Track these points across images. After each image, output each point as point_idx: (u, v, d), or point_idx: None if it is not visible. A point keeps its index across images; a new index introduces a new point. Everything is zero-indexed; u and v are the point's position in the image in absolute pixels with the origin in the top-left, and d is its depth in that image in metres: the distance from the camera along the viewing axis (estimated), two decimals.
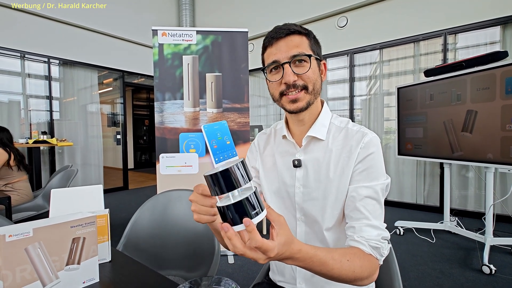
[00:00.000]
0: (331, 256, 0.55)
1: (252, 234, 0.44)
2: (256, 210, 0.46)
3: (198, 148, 2.27)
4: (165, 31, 2.27)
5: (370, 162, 0.66)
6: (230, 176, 0.45)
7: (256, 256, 0.46)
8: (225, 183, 0.45)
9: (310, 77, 0.68)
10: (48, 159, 4.35)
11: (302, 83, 0.68)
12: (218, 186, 0.45)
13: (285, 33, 0.67)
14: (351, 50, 4.15)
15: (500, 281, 1.90)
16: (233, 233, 0.45)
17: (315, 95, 0.70)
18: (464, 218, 3.08)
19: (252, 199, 0.46)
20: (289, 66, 0.67)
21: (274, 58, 0.68)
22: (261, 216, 0.46)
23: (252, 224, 0.44)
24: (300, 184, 0.74)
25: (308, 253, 0.52)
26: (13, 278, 0.58)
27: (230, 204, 0.45)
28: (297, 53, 0.66)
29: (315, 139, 0.73)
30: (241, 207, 0.45)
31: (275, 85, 0.71)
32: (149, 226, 1.26)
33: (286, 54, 0.67)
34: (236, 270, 2.14)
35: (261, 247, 0.45)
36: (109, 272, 0.78)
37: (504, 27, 3.13)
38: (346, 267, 0.56)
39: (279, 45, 0.68)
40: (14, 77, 4.03)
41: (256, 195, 0.47)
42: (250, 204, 0.45)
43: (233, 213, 0.45)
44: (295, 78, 0.67)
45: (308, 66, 0.67)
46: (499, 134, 2.08)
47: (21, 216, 2.17)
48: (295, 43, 0.67)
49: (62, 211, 0.85)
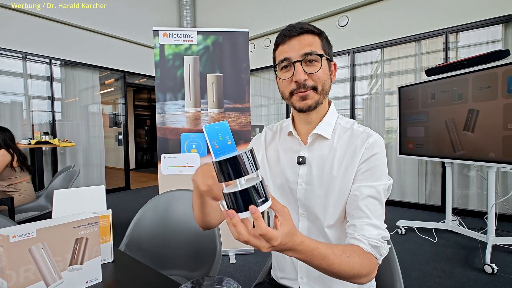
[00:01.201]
0: (331, 251, 0.56)
1: (258, 222, 0.45)
2: (262, 198, 0.46)
3: (200, 148, 2.27)
4: (166, 31, 2.28)
5: (374, 162, 0.67)
6: (238, 163, 0.45)
7: (260, 244, 0.47)
8: (233, 170, 0.45)
9: (320, 78, 0.68)
10: (50, 159, 4.37)
11: (312, 84, 0.68)
12: (227, 172, 0.45)
13: (299, 32, 0.67)
14: (352, 50, 4.15)
15: (502, 280, 1.89)
16: (238, 219, 0.45)
17: (324, 95, 0.71)
18: (466, 218, 3.07)
19: (259, 187, 0.46)
20: (300, 64, 0.67)
21: (285, 56, 0.68)
22: (266, 205, 0.47)
23: (258, 212, 0.44)
24: (303, 181, 0.74)
25: (309, 246, 0.53)
26: (17, 278, 0.59)
27: (237, 191, 0.45)
28: (309, 52, 0.66)
29: (321, 137, 0.74)
30: (247, 194, 0.45)
31: (285, 83, 0.71)
32: (151, 226, 1.27)
33: (298, 53, 0.67)
34: (238, 270, 2.14)
35: (265, 234, 0.45)
36: (111, 272, 0.78)
37: (506, 26, 3.11)
38: (346, 263, 0.57)
39: (292, 43, 0.68)
40: (16, 78, 4.05)
41: (262, 184, 0.47)
42: (257, 192, 0.46)
43: (239, 200, 0.45)
44: (305, 77, 0.67)
45: (319, 66, 0.68)
46: (501, 133, 2.07)
47: (24, 216, 2.19)
48: (308, 42, 0.67)
49: (65, 211, 0.86)
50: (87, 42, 4.66)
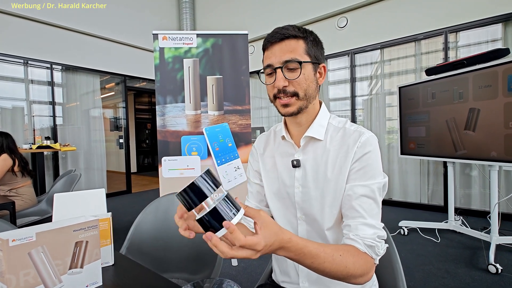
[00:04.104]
0: (322, 249, 0.56)
1: (234, 234, 0.45)
2: (233, 211, 0.47)
3: (200, 151, 2.27)
4: (165, 35, 2.29)
5: (367, 161, 0.67)
6: (197, 187, 0.47)
7: (246, 253, 0.47)
8: (195, 196, 0.47)
9: (301, 84, 0.68)
10: (51, 164, 4.38)
11: (292, 90, 0.68)
12: (191, 200, 0.47)
13: (280, 38, 0.68)
14: (351, 50, 4.15)
15: (507, 280, 1.88)
16: (217, 239, 0.46)
17: (307, 100, 0.71)
18: (469, 217, 3.05)
19: (226, 202, 0.47)
20: (280, 71, 0.68)
21: (268, 62, 0.70)
22: (239, 216, 0.48)
23: (232, 225, 0.45)
24: (299, 184, 0.74)
25: (299, 244, 0.53)
26: (16, 282, 0.59)
27: (206, 213, 0.46)
28: (289, 59, 0.67)
29: (313, 139, 0.74)
30: (217, 212, 0.46)
31: (269, 88, 0.72)
32: (152, 229, 1.27)
33: (279, 59, 0.68)
34: (240, 272, 2.13)
35: (245, 244, 0.46)
36: (112, 276, 0.78)
37: (505, 24, 3.11)
38: (338, 262, 0.57)
39: (274, 49, 0.69)
40: (18, 84, 4.07)
41: (229, 198, 0.48)
42: (226, 207, 0.47)
43: (212, 221, 0.46)
44: (285, 84, 0.68)
45: (299, 72, 0.68)
46: (503, 132, 2.06)
47: (26, 221, 2.18)
48: (289, 48, 0.67)
49: (65, 215, 0.86)
50: (87, 47, 4.68)
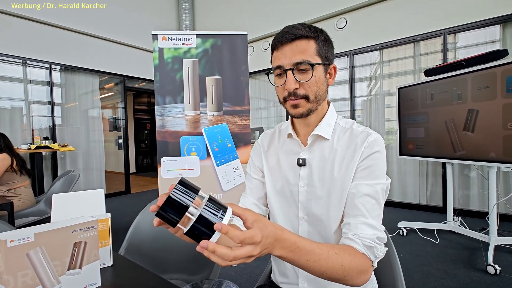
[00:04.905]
0: (317, 246, 0.55)
1: (230, 233, 0.44)
2: (220, 212, 0.45)
3: (199, 151, 2.27)
4: (165, 35, 2.28)
5: (373, 161, 0.67)
6: (176, 201, 0.44)
7: (247, 250, 0.45)
8: (175, 210, 0.45)
9: (312, 87, 0.67)
10: (50, 164, 4.36)
11: (303, 93, 0.67)
12: (173, 216, 0.45)
13: (290, 38, 0.66)
14: (351, 51, 4.16)
15: (505, 281, 1.88)
16: (213, 245, 0.43)
17: (317, 102, 0.70)
18: (467, 218, 3.06)
19: (210, 205, 0.45)
20: (291, 73, 0.66)
21: (278, 63, 0.68)
22: (228, 215, 0.46)
23: (224, 226, 0.43)
24: (304, 183, 0.74)
25: (292, 237, 0.52)
26: (14, 283, 0.58)
27: (193, 223, 0.44)
28: (301, 61, 0.65)
29: (321, 138, 0.74)
30: (204, 219, 0.44)
31: (279, 89, 0.71)
32: (151, 229, 1.26)
33: (289, 61, 0.66)
34: (239, 273, 2.13)
35: (245, 239, 0.44)
36: (111, 277, 0.78)
37: (504, 26, 3.12)
38: (334, 259, 0.55)
39: (284, 50, 0.67)
40: (16, 84, 4.06)
41: (212, 200, 0.46)
42: (212, 210, 0.45)
43: (202, 229, 0.44)
44: (296, 86, 0.67)
45: (311, 74, 0.67)
46: (501, 133, 2.07)
47: (24, 221, 2.18)
48: (301, 49, 0.66)
49: (64, 215, 0.85)
50: (86, 47, 4.67)
